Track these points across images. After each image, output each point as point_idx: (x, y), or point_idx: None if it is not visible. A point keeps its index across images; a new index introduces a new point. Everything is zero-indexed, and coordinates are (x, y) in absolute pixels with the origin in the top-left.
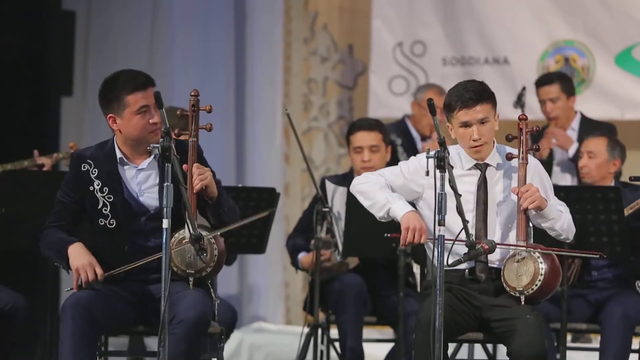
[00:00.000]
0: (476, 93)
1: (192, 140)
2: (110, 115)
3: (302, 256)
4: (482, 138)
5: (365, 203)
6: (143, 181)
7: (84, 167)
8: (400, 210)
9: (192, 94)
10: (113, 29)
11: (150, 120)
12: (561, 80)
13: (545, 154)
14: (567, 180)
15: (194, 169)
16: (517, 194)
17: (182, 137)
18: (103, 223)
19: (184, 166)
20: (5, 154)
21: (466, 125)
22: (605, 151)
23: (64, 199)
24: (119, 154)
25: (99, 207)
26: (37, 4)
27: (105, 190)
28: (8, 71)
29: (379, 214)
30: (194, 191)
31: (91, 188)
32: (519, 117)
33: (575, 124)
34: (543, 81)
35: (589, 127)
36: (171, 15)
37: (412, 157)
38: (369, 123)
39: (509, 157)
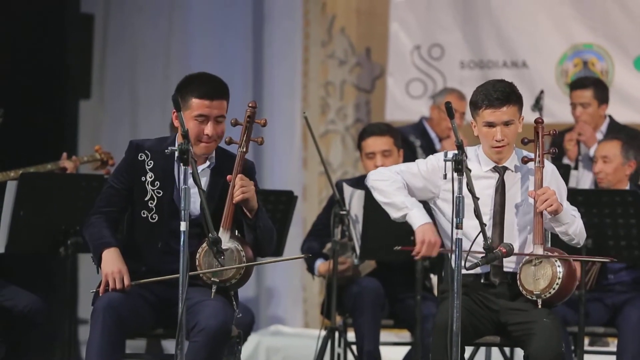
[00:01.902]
0: (504, 94)
1: (241, 150)
2: (174, 110)
3: (320, 264)
4: (505, 139)
5: (381, 200)
6: (192, 185)
7: (141, 157)
8: (417, 219)
9: (250, 105)
10: (130, 32)
11: (204, 131)
12: (596, 86)
13: (573, 154)
14: (589, 177)
15: (238, 179)
16: (534, 197)
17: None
18: (145, 215)
19: (228, 177)
20: (23, 157)
21: (490, 125)
22: (620, 154)
23: (116, 185)
24: (177, 153)
25: (146, 199)
26: (56, 7)
27: (157, 184)
28: (27, 74)
29: (394, 215)
30: (234, 201)
31: (143, 179)
32: (535, 121)
33: (604, 127)
34: (578, 84)
35: (617, 132)
36: (188, 19)
37: (431, 156)
38: (380, 128)
39: (525, 160)
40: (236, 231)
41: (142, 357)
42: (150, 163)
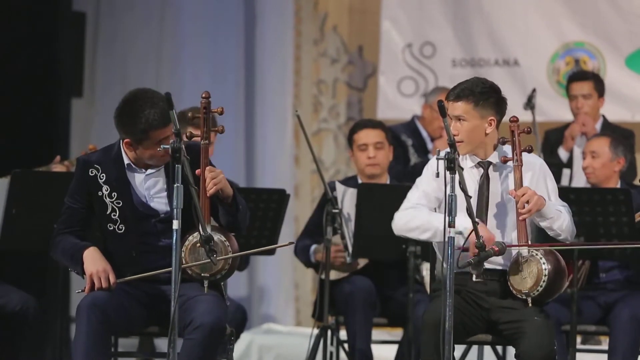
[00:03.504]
0: (461, 89)
1: (203, 142)
2: (127, 140)
3: (315, 247)
4: (459, 135)
5: (424, 236)
6: (152, 186)
7: (92, 172)
8: (463, 224)
9: (203, 96)
10: (122, 30)
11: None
12: (595, 79)
13: (570, 144)
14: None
15: (207, 172)
16: (514, 197)
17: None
18: (112, 228)
19: (197, 171)
20: (16, 155)
21: (451, 117)
22: (608, 150)
23: (73, 205)
24: (126, 160)
25: (108, 212)
26: (48, 4)
27: (114, 195)
28: (19, 72)
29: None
30: (208, 195)
31: (99, 193)
32: (510, 120)
33: (598, 125)
34: (578, 76)
35: (610, 131)
36: (180, 16)
37: (427, 166)
38: (372, 122)
39: (504, 160)
40: (213, 223)
41: (134, 356)
42: (103, 176)
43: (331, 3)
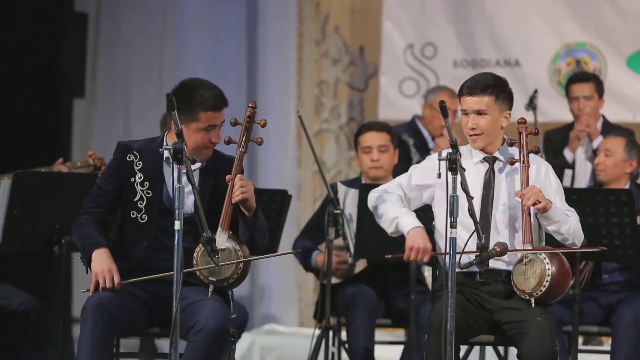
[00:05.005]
0: (479, 83)
1: (240, 150)
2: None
3: (317, 254)
4: (477, 128)
5: (377, 219)
6: (184, 185)
7: (129, 158)
8: (407, 225)
9: (250, 105)
10: (123, 31)
11: (211, 139)
12: (595, 80)
13: (576, 145)
14: (586, 175)
15: (237, 179)
16: (520, 197)
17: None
18: (135, 216)
19: (227, 177)
20: (18, 156)
21: (465, 112)
22: (623, 150)
23: (104, 186)
24: (166, 154)
25: (135, 199)
26: (50, 5)
27: (146, 185)
28: (21, 73)
29: (389, 229)
30: (233, 201)
31: (132, 179)
32: (517, 121)
33: (599, 125)
34: (578, 78)
35: (610, 131)
36: (182, 18)
37: (425, 160)
38: (378, 124)
39: (511, 161)
40: (230, 231)
41: (135, 356)
42: (139, 164)
43: (333, 4)
